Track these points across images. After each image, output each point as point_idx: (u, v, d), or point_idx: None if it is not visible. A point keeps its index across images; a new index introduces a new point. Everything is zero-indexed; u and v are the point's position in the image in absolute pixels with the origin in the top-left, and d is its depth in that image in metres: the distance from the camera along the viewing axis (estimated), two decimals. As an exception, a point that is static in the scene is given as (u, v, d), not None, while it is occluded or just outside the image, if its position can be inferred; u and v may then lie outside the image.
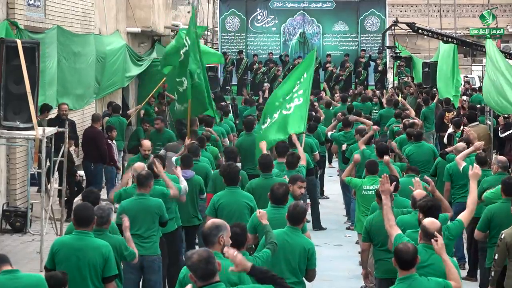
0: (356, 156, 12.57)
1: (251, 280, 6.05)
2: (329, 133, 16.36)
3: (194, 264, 5.34)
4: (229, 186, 9.57)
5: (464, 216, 8.22)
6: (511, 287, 8.48)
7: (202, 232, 6.54)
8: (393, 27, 26.79)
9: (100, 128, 15.75)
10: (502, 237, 8.55)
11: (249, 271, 5.65)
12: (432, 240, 6.86)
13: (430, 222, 7.15)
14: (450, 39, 22.75)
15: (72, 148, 14.55)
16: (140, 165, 10.11)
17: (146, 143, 12.44)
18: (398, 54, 27.17)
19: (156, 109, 18.76)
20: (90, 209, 7.43)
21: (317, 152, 14.70)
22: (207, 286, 5.31)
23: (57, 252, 7.27)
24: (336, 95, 25.06)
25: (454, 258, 7.86)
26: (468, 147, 12.31)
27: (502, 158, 11.42)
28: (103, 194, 14.10)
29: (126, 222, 8.42)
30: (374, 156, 12.39)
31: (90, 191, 8.72)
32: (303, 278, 7.68)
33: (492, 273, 8.67)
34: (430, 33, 25.69)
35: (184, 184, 10.35)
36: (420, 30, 25.18)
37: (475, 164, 8.86)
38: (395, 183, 8.93)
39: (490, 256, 9.22)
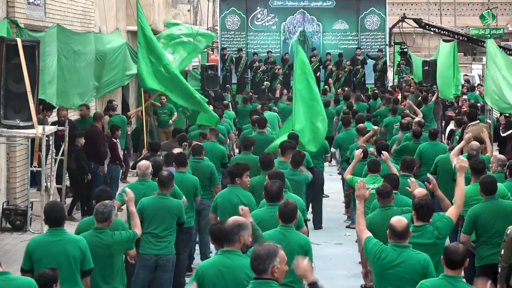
0: (357, 152, 12.23)
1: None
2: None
3: (251, 257, 5.57)
4: (231, 185, 9.69)
5: (451, 212, 8.06)
6: None
7: (223, 230, 6.46)
8: (399, 23, 26.87)
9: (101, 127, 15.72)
10: (508, 232, 8.42)
11: (309, 283, 5.76)
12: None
13: (396, 220, 7.12)
14: (456, 36, 22.81)
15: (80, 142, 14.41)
16: (144, 164, 10.08)
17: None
18: (404, 50, 27.19)
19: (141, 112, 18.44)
20: (60, 209, 7.58)
21: (329, 154, 14.81)
22: (258, 280, 5.55)
23: (34, 251, 7.32)
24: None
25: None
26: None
27: (501, 156, 11.41)
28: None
29: (129, 194, 8.32)
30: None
31: (103, 190, 8.62)
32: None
33: (499, 269, 8.52)
34: (437, 29, 25.75)
35: (183, 199, 10.13)
36: (427, 26, 25.19)
37: (461, 157, 8.73)
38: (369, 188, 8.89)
39: (479, 255, 9.11)
